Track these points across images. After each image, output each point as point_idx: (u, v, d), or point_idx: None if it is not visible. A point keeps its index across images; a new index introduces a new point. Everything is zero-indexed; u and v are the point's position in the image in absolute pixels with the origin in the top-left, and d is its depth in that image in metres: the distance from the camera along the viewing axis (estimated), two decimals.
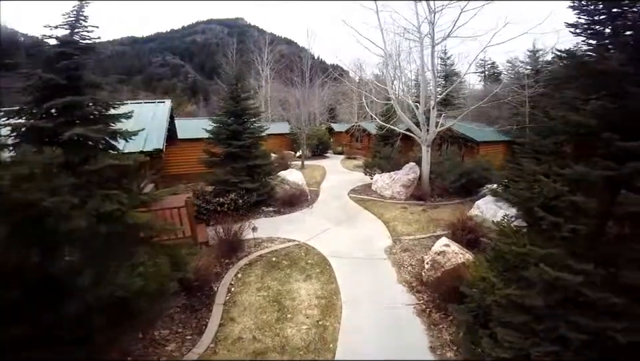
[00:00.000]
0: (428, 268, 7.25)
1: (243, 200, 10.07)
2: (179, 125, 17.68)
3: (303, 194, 12.03)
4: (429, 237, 9.34)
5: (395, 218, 10.72)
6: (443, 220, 10.66)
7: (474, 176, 13.12)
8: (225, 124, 10.76)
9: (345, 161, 26.06)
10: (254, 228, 8.54)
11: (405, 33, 13.89)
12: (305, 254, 8.20)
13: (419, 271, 7.56)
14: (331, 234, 9.39)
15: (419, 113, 13.17)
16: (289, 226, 10.00)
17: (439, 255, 7.09)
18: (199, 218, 9.87)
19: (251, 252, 8.37)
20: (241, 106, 10.75)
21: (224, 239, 8.05)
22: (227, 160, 10.61)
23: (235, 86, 11.07)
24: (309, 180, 16.87)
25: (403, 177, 12.71)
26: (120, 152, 4.94)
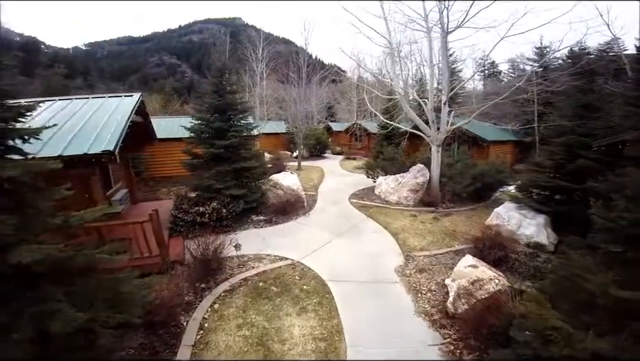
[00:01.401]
0: (454, 297, 5.87)
1: (228, 209, 8.61)
2: (164, 124, 16.32)
3: (298, 201, 10.60)
4: (447, 253, 7.94)
5: (404, 229, 9.30)
6: (459, 231, 9.26)
7: (489, 179, 11.75)
8: (207, 122, 9.29)
9: (344, 162, 24.63)
10: (237, 246, 7.10)
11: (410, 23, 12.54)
12: (300, 277, 6.75)
13: (442, 299, 6.17)
14: (331, 250, 7.95)
15: (428, 110, 11.77)
16: (282, 239, 8.55)
17: (472, 284, 5.70)
18: (176, 231, 8.44)
19: (233, 274, 6.92)
20: (226, 100, 9.27)
21: (200, 258, 6.60)
22: (211, 162, 9.15)
23: (220, 78, 9.61)
24: (305, 184, 15.42)
25: (411, 181, 11.30)
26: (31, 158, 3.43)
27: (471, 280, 5.85)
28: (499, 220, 9.38)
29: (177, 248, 7.96)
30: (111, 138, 5.69)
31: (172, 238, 8.46)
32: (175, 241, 8.30)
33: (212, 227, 8.55)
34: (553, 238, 8.49)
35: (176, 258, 7.34)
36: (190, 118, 10.24)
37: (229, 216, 8.63)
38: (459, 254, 7.84)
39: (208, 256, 6.70)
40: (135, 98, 7.94)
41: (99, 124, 6.32)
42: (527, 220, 8.90)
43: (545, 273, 6.88)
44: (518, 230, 8.80)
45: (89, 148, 5.41)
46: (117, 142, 5.60)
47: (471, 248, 7.59)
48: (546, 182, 8.75)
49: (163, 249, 6.85)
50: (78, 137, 5.78)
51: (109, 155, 5.41)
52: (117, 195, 9.47)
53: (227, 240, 7.43)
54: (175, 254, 7.52)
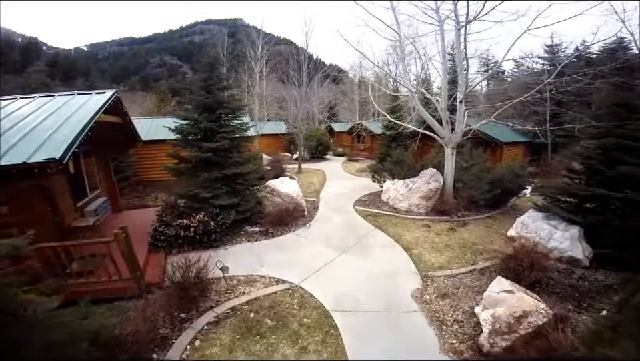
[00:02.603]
0: (490, 331, 4.82)
1: (216, 222, 7.51)
2: (155, 124, 15.23)
3: (297, 209, 9.48)
4: (471, 272, 6.83)
5: (418, 242, 8.18)
6: (480, 244, 8.16)
7: (509, 184, 10.63)
8: (194, 121, 8.19)
9: (347, 164, 23.51)
10: (223, 269, 5.99)
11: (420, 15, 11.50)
12: (299, 306, 5.64)
13: (472, 332, 5.12)
14: (335, 270, 6.83)
15: (442, 109, 10.67)
16: (278, 255, 7.45)
17: (516, 318, 4.65)
18: (157, 247, 7.36)
19: (219, 301, 5.83)
20: (216, 97, 8.16)
21: (178, 283, 5.50)
22: (198, 167, 8.06)
23: (210, 73, 8.52)
24: (306, 188, 14.32)
25: (423, 186, 10.18)
26: None
27: (515, 313, 4.78)
28: (524, 231, 8.29)
29: (157, 267, 6.87)
30: (61, 143, 4.58)
31: (152, 254, 7.39)
32: (155, 258, 7.21)
33: (198, 242, 7.48)
34: (588, 252, 7.42)
35: (154, 280, 6.27)
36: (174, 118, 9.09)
37: (218, 230, 7.53)
38: (484, 274, 6.77)
39: (189, 279, 5.61)
40: (106, 95, 6.85)
41: (53, 126, 5.22)
42: (558, 231, 7.80)
43: (584, 293, 5.96)
44: (548, 243, 7.71)
45: (30, 156, 4.30)
46: (67, 149, 4.50)
47: (500, 266, 6.48)
48: (581, 190, 7.62)
49: (135, 271, 5.76)
50: (23, 142, 4.69)
51: (57, 164, 4.31)
52: (93, 205, 8.39)
53: (213, 260, 6.36)
54: (154, 275, 6.45)
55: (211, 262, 6.34)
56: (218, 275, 6.20)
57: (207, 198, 7.54)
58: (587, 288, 6.28)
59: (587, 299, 5.96)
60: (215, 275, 6.12)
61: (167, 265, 6.85)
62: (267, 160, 20.82)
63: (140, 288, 5.79)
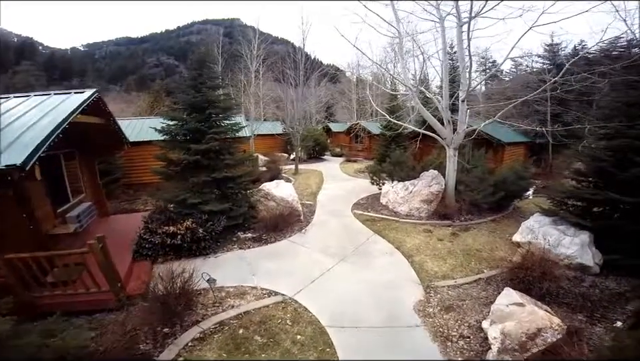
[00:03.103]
0: (500, 348, 4.45)
1: (205, 229, 7.06)
2: (146, 125, 14.71)
3: (293, 213, 9.04)
4: (476, 282, 6.42)
5: (420, 249, 7.76)
6: (485, 251, 7.76)
7: (513, 187, 10.25)
8: (182, 122, 7.74)
9: (345, 165, 23.08)
10: (210, 281, 5.55)
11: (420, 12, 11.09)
12: (292, 321, 5.21)
13: (479, 348, 4.75)
14: (332, 280, 6.39)
15: (443, 108, 10.26)
16: (272, 264, 7.00)
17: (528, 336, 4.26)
18: (141, 255, 6.91)
19: (206, 315, 5.39)
20: (205, 96, 7.71)
21: (161, 295, 5.07)
22: (186, 171, 7.61)
23: (199, 71, 8.07)
24: (302, 191, 13.88)
25: (424, 189, 9.76)
26: None
27: (528, 330, 4.39)
28: (531, 237, 7.90)
29: (142, 276, 6.45)
30: (24, 148, 4.11)
31: (137, 262, 6.95)
32: (140, 267, 6.78)
33: (187, 250, 7.03)
34: (598, 259, 7.07)
35: (137, 291, 5.83)
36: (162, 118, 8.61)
37: (208, 237, 7.07)
38: (490, 284, 6.36)
39: (174, 291, 5.18)
40: (84, 95, 6.38)
41: (22, 128, 4.76)
42: (566, 237, 7.42)
43: (596, 302, 5.61)
44: (556, 249, 7.33)
45: None
46: (31, 154, 4.03)
47: (508, 275, 6.08)
48: (591, 194, 7.21)
49: (114, 282, 5.33)
50: None
51: (19, 171, 3.84)
52: (76, 210, 7.92)
53: (202, 269, 5.93)
54: (137, 286, 6.02)
55: (199, 271, 5.93)
56: (205, 286, 5.77)
57: (196, 203, 7.09)
58: (599, 296, 5.90)
59: (600, 309, 5.60)
60: (202, 286, 5.70)
61: (152, 274, 6.44)
62: (263, 161, 20.37)
63: (120, 300, 5.38)
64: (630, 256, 6.50)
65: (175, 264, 6.48)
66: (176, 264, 6.60)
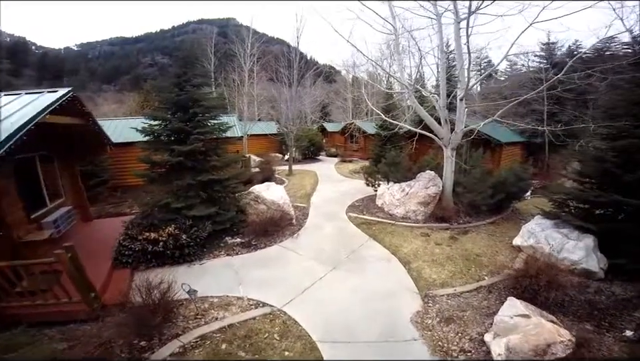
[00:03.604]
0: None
1: (189, 235, 6.63)
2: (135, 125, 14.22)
3: (284, 217, 8.63)
4: (477, 290, 6.06)
5: (417, 254, 7.39)
6: (485, 255, 7.42)
7: (512, 188, 9.93)
8: (165, 122, 7.30)
9: (340, 165, 22.70)
10: (190, 292, 5.14)
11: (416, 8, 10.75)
12: (280, 335, 4.80)
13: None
14: (324, 290, 5.99)
15: (440, 107, 9.92)
16: (260, 272, 6.59)
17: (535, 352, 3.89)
18: (121, 262, 6.48)
19: (187, 327, 4.97)
20: (189, 95, 7.27)
21: (136, 307, 4.67)
22: (170, 173, 7.18)
23: (184, 69, 7.63)
24: (295, 192, 13.48)
25: (421, 191, 9.40)
26: None
27: (537, 345, 4.07)
28: (532, 241, 7.59)
29: (121, 284, 6.04)
30: None
31: (118, 270, 6.53)
32: (120, 275, 6.36)
33: (170, 257, 6.61)
34: (603, 263, 6.77)
35: (115, 300, 5.41)
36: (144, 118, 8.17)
37: (192, 243, 6.65)
38: (492, 292, 6.01)
39: (153, 301, 4.80)
40: (56, 94, 5.93)
41: None
42: (570, 241, 7.12)
43: (603, 310, 5.34)
44: (559, 253, 7.03)
45: None
46: None
47: (511, 283, 5.73)
48: (596, 196, 6.89)
49: (86, 292, 4.92)
50: None
51: None
52: (53, 215, 7.46)
53: (185, 277, 5.53)
54: (115, 295, 5.60)
55: (182, 280, 5.53)
56: (189, 297, 5.35)
57: (179, 208, 6.67)
58: (605, 303, 5.60)
59: (607, 317, 5.32)
60: (183, 296, 5.29)
61: (133, 283, 6.04)
62: (256, 162, 19.95)
63: (95, 311, 4.98)
64: (636, 261, 6.22)
65: (156, 272, 6.14)
66: (158, 271, 6.29)
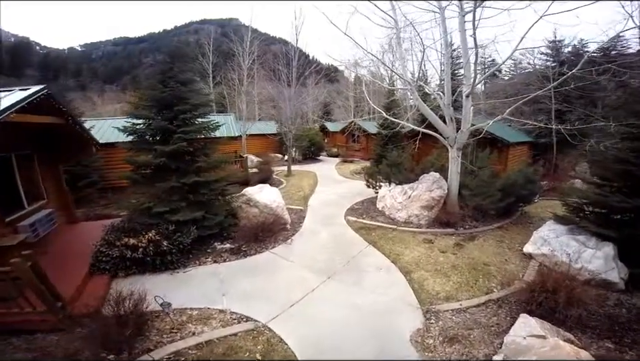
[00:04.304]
0: None
1: (171, 241, 6.12)
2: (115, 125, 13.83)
3: (277, 222, 8.08)
4: (486, 304, 5.48)
5: (419, 263, 6.82)
6: (493, 265, 6.84)
7: (522, 191, 9.34)
8: (148, 120, 6.79)
9: (341, 166, 22.14)
10: (164, 305, 4.64)
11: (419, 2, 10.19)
12: (263, 355, 4.25)
13: None
14: (316, 303, 5.43)
15: (444, 105, 9.34)
16: (247, 281, 6.05)
17: None
18: (99, 269, 6.01)
19: (161, 342, 4.47)
20: (174, 92, 6.73)
21: (102, 318, 4.21)
22: (154, 175, 6.68)
23: (170, 65, 7.13)
24: (293, 194, 12.96)
25: (424, 194, 8.83)
26: None
27: None
28: (546, 248, 7.01)
29: (97, 293, 5.59)
30: None
31: (95, 277, 6.06)
32: (97, 283, 5.89)
33: (150, 264, 6.11)
34: (624, 273, 6.20)
35: (88, 310, 4.94)
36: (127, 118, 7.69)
37: (174, 250, 6.13)
38: (502, 307, 5.44)
39: (125, 313, 4.34)
40: (26, 92, 5.46)
41: None
42: (587, 249, 6.54)
43: (624, 324, 4.84)
44: (576, 262, 6.45)
45: None
46: None
47: (524, 296, 5.16)
48: (618, 201, 6.28)
49: (50, 302, 4.48)
50: None
51: None
52: (31, 218, 6.99)
53: (165, 286, 5.04)
54: (90, 304, 5.13)
55: (162, 289, 5.05)
56: (167, 308, 4.85)
57: (162, 212, 6.16)
58: (626, 317, 5.08)
59: (629, 333, 4.76)
60: (160, 307, 4.79)
61: (110, 291, 5.60)
62: (255, 162, 19.49)
63: (62, 321, 4.58)
64: None
65: (135, 280, 5.76)
66: (138, 279, 5.91)
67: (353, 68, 16.72)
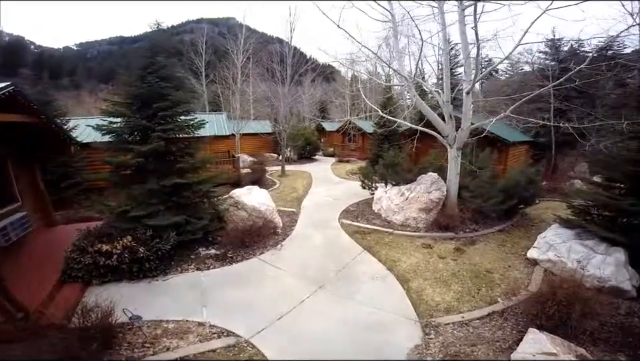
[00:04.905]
0: None
1: (148, 247, 5.64)
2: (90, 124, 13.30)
3: (267, 225, 7.61)
4: (489, 316, 5.05)
5: (417, 270, 6.38)
6: (496, 271, 6.42)
7: (524, 193, 8.93)
8: (125, 118, 6.30)
9: (337, 166, 21.68)
10: (133, 318, 4.20)
11: None
12: None
13: None
14: (305, 317, 4.96)
15: (443, 102, 8.92)
16: (231, 291, 5.58)
17: None
18: (70, 276, 5.55)
19: (132, 357, 4.00)
20: (154, 88, 6.24)
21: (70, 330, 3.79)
22: (132, 176, 6.19)
23: (151, 59, 6.63)
24: (286, 196, 12.50)
25: (422, 196, 8.40)
26: None
27: None
28: (552, 254, 6.60)
29: (69, 300, 5.18)
30: None
31: (67, 285, 5.59)
32: (69, 291, 5.43)
33: (127, 272, 5.63)
34: (635, 280, 5.83)
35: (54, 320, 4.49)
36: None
37: (152, 257, 5.65)
38: (508, 319, 5.02)
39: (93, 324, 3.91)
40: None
41: None
42: (597, 255, 6.16)
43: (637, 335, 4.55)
44: (584, 269, 6.07)
45: None
46: None
47: (531, 306, 4.74)
48: (631, 205, 5.87)
49: (9, 312, 4.06)
50: None
51: None
52: (3, 222, 6.48)
53: (140, 296, 4.57)
54: (58, 314, 4.68)
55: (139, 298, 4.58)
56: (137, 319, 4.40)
57: (139, 216, 5.67)
58: (639, 326, 4.77)
59: None
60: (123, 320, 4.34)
61: (83, 299, 5.17)
62: (248, 162, 19.01)
63: (23, 332, 4.13)
64: None
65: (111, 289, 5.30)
66: (114, 287, 5.50)
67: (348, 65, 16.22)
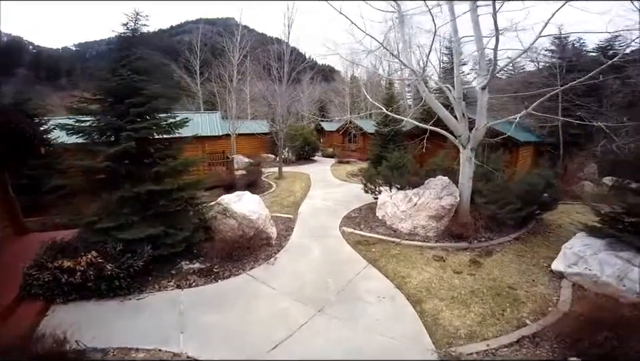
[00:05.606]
0: None
1: (117, 264, 4.83)
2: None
3: (258, 236, 6.79)
4: (519, 342, 4.25)
5: (431, 288, 5.57)
6: (519, 287, 5.64)
7: (544, 198, 8.15)
8: (95, 117, 5.51)
9: (337, 167, 20.88)
10: (89, 350, 3.44)
11: None
12: None
13: None
14: (302, 348, 4.13)
15: (454, 99, 8.14)
16: (214, 314, 4.73)
17: None
18: (30, 294, 4.77)
19: None
20: (127, 81, 5.42)
21: None
22: (106, 182, 5.39)
23: (126, 52, 5.84)
24: (282, 200, 11.69)
25: (433, 202, 7.59)
26: None
27: None
28: (582, 268, 5.82)
29: (27, 319, 4.38)
30: None
31: (27, 303, 4.81)
32: (29, 309, 4.65)
33: (94, 290, 4.84)
34: None
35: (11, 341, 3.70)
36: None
37: (122, 274, 4.84)
38: (540, 345, 4.24)
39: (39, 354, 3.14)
40: None
41: None
42: (634, 268, 5.41)
43: None
44: (619, 283, 5.32)
45: None
46: None
47: (563, 328, 3.96)
48: None
49: None
50: None
51: None
52: None
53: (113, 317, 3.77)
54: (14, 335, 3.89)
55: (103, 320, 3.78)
56: (104, 346, 3.60)
57: (107, 228, 4.87)
58: None
59: None
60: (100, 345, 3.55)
61: (45, 319, 4.49)
62: (244, 163, 18.24)
63: None
64: None
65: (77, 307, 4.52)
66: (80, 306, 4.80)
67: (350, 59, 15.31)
